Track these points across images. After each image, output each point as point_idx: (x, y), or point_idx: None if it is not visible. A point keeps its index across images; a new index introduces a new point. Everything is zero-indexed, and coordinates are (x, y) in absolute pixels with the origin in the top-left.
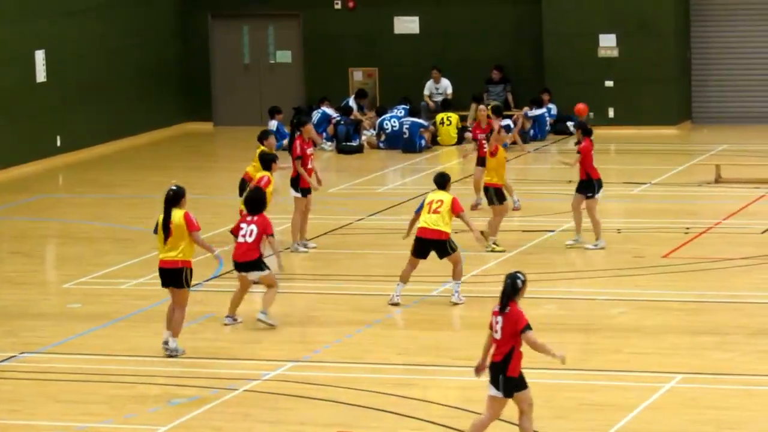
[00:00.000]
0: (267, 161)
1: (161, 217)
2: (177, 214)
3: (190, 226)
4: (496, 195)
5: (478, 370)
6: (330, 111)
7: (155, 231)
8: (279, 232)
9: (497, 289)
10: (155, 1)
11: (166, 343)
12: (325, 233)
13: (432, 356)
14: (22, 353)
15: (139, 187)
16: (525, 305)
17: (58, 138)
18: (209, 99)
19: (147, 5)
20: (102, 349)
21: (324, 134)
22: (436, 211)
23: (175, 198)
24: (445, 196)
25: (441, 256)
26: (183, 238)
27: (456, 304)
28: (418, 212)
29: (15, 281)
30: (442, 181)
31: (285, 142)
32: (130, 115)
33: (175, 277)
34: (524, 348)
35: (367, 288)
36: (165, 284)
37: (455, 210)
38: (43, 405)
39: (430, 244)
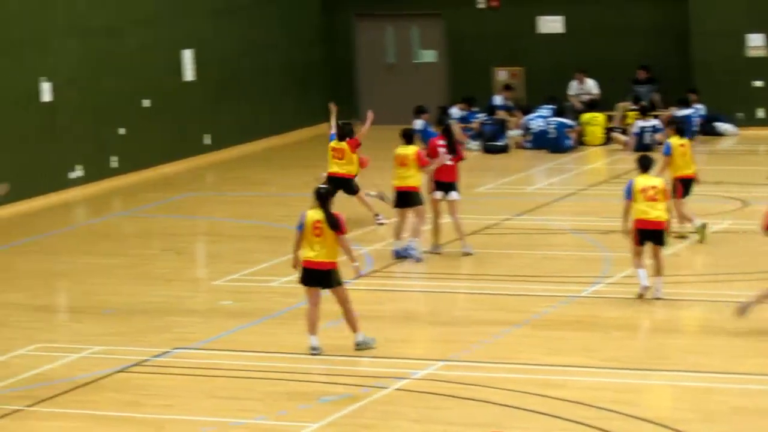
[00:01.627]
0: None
1: (312, 214)
2: (329, 216)
3: (341, 229)
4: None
5: None
6: (456, 111)
7: (300, 228)
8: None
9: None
10: (300, 1)
11: (314, 348)
12: (472, 233)
13: (582, 357)
14: (175, 349)
15: (285, 185)
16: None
17: (206, 136)
18: (354, 98)
19: (292, 5)
20: (253, 345)
21: (470, 133)
22: (653, 198)
23: (327, 196)
24: (658, 181)
25: (658, 244)
26: (333, 239)
27: (658, 299)
28: (629, 198)
29: (166, 278)
30: (648, 164)
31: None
32: (276, 114)
33: (324, 278)
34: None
35: (514, 288)
36: (310, 284)
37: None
38: (197, 400)
39: (650, 234)
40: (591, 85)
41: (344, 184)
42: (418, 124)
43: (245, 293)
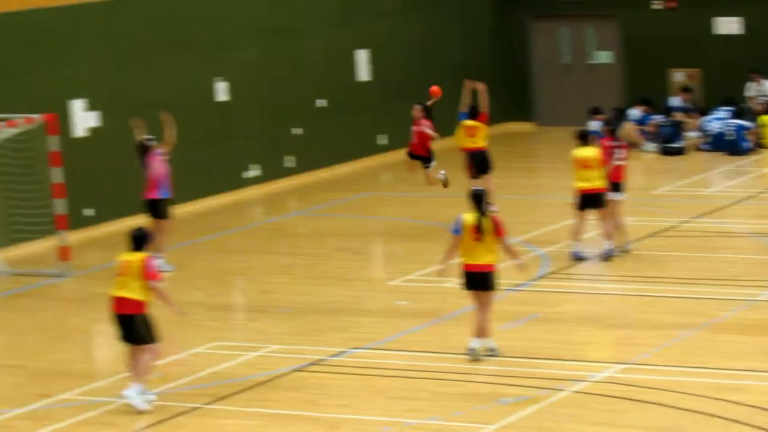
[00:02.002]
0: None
1: (469, 217)
2: (486, 219)
3: (498, 231)
4: None
5: None
6: (635, 113)
7: (456, 231)
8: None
9: None
10: (475, 1)
11: (471, 350)
12: (649, 235)
13: (761, 362)
14: (352, 349)
15: (460, 186)
16: None
17: (380, 137)
18: (530, 99)
19: (467, 5)
20: (428, 346)
21: (646, 135)
22: None
23: (482, 199)
24: None
25: None
26: (492, 241)
27: None
28: None
29: (342, 277)
30: None
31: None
32: (450, 115)
33: (484, 280)
34: None
35: (693, 291)
36: (472, 288)
37: None
38: (372, 400)
39: None
40: None
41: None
42: (594, 125)
43: (421, 294)
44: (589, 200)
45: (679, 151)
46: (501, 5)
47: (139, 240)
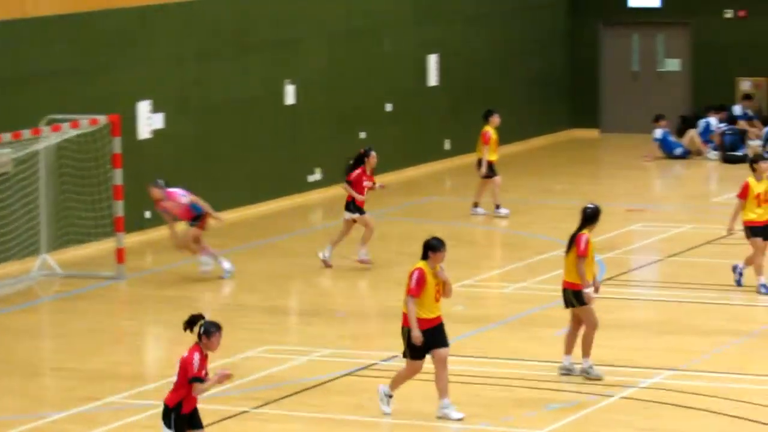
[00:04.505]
0: None
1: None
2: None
3: (578, 249)
4: None
5: None
6: (714, 121)
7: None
8: None
9: None
10: (546, 8)
11: (563, 368)
12: (707, 242)
13: None
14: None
15: (523, 192)
16: None
17: (446, 141)
18: (596, 105)
19: (539, 12)
20: (482, 351)
21: (710, 144)
22: None
23: (593, 217)
24: None
25: None
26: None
27: None
28: None
29: (401, 282)
30: None
31: (679, 150)
32: (518, 120)
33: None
34: None
35: (746, 298)
36: (567, 305)
37: None
38: (423, 405)
39: None
40: None
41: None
42: (658, 132)
43: (478, 299)
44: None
45: (741, 159)
46: (575, 12)
47: None
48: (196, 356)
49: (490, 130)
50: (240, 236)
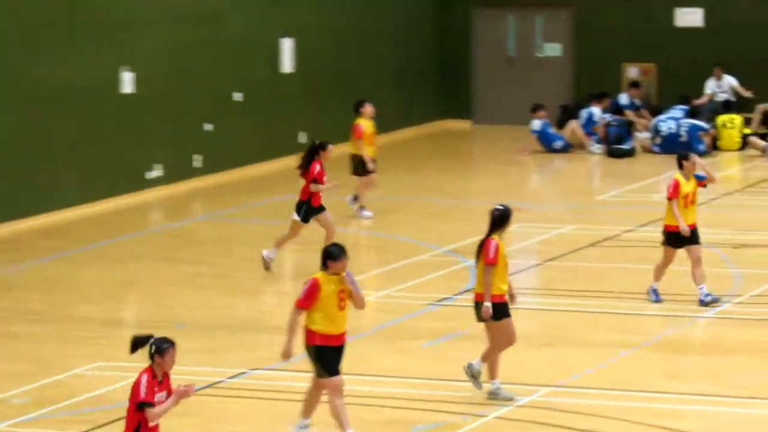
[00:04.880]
0: None
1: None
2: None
3: (485, 256)
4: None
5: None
6: (597, 111)
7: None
8: None
9: None
10: None
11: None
12: (590, 245)
13: (706, 384)
14: (255, 369)
15: (388, 189)
16: None
17: (301, 134)
18: (468, 94)
19: None
20: (344, 366)
21: (593, 136)
22: None
23: (501, 219)
24: None
25: None
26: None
27: None
28: None
29: (251, 290)
30: None
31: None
32: (382, 111)
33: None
34: None
35: (634, 307)
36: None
37: None
38: (273, 426)
39: None
40: (729, 84)
41: None
42: (536, 124)
43: None
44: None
45: (627, 153)
46: None
47: None
48: (144, 378)
49: (362, 123)
50: (70, 239)
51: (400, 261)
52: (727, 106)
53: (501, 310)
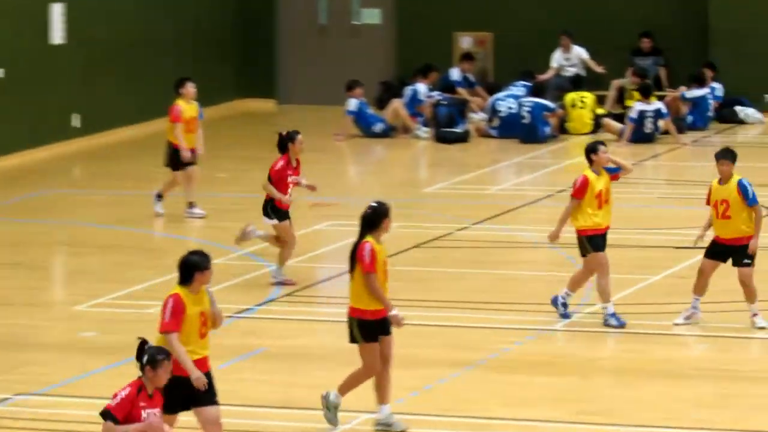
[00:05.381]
0: None
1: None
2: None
3: (362, 264)
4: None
5: None
6: (424, 89)
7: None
8: None
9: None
10: None
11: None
12: (416, 246)
13: (551, 408)
14: (18, 395)
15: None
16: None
17: (74, 117)
18: (272, 70)
19: None
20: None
21: (419, 118)
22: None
23: (373, 219)
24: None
25: None
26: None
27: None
28: None
29: (12, 301)
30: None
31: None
32: (166, 89)
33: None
34: None
35: (467, 318)
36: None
37: None
38: None
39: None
40: (578, 55)
41: None
42: (352, 103)
43: (115, 322)
44: None
45: (459, 138)
46: None
47: None
48: (123, 393)
49: (180, 104)
50: None
51: None
52: (576, 83)
53: (378, 327)
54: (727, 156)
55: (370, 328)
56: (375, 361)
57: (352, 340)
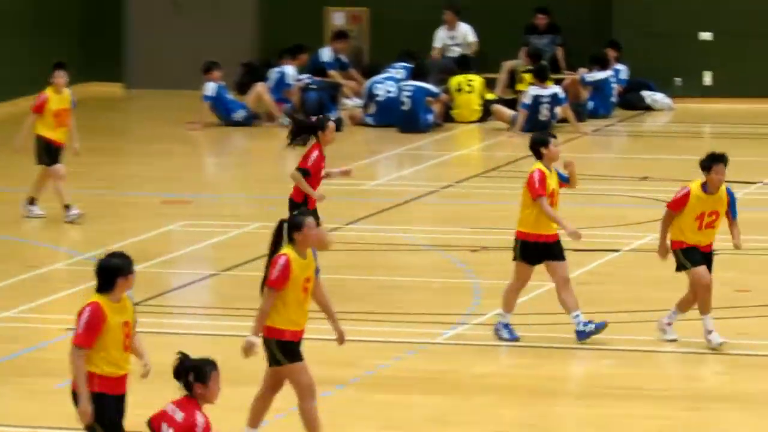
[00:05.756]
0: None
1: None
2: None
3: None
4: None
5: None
6: (291, 71)
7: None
8: None
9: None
10: None
11: None
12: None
13: None
14: None
15: (8, 178)
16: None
17: None
18: (119, 50)
19: None
20: None
21: (286, 104)
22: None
23: (290, 230)
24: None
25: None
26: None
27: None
28: None
29: None
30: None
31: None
32: (2, 71)
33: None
34: None
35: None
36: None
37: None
38: None
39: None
40: (464, 33)
41: None
42: (209, 88)
43: None
44: None
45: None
46: None
47: None
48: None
49: (48, 94)
50: None
51: (27, 272)
52: (463, 64)
53: (295, 350)
54: (723, 162)
55: (292, 348)
56: (310, 379)
57: (274, 362)
